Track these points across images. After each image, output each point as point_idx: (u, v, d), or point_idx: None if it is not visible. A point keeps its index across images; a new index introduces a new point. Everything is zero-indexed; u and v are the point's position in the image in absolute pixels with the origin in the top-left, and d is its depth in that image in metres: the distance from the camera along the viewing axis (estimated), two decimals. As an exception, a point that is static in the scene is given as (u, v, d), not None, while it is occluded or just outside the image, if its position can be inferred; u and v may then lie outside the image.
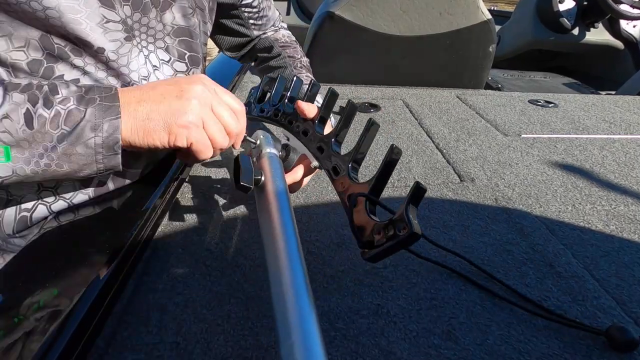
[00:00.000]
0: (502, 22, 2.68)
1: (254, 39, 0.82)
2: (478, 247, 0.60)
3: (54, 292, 0.41)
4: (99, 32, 0.46)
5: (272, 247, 0.41)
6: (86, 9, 0.44)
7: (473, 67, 1.45)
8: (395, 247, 0.38)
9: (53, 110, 0.39)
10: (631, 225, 0.68)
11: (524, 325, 0.48)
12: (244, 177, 0.48)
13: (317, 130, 0.52)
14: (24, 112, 0.38)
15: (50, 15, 0.42)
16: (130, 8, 0.48)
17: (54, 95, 0.40)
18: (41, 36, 0.44)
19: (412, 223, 0.35)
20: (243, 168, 0.48)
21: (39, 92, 0.39)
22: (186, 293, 0.49)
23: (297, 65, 0.77)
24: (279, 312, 0.34)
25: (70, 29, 0.44)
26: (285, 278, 0.36)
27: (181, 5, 0.54)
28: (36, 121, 0.38)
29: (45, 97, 0.39)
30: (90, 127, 0.41)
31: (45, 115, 0.39)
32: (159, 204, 0.58)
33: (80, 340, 0.39)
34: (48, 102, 0.39)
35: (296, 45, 0.83)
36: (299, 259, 0.39)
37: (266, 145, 0.55)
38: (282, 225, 0.42)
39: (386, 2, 1.32)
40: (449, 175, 0.81)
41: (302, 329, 0.32)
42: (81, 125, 0.40)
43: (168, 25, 0.53)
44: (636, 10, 2.23)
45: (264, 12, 0.79)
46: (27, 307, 0.38)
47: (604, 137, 1.02)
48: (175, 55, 0.55)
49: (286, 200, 0.46)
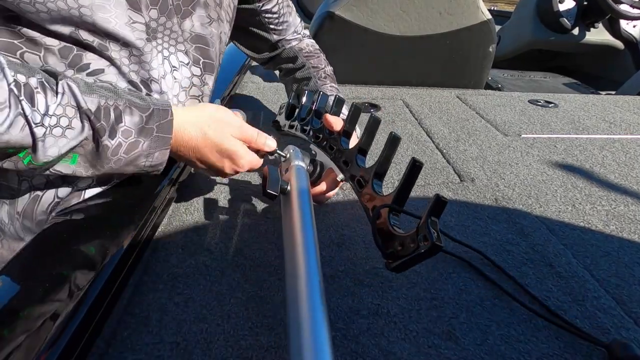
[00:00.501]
0: (502, 22, 2.68)
1: (274, 44, 0.85)
2: (478, 247, 0.60)
3: (54, 292, 0.40)
4: (127, 31, 0.50)
5: (291, 255, 0.42)
6: (115, 9, 0.48)
7: (473, 67, 1.45)
8: (417, 259, 0.39)
9: (116, 141, 0.46)
10: (631, 225, 0.68)
11: (524, 325, 0.48)
12: (270, 186, 0.51)
13: (342, 144, 0.55)
14: (93, 140, 0.46)
15: (84, 12, 0.46)
16: (157, 12, 0.52)
17: (118, 124, 0.46)
18: (71, 32, 0.47)
19: (432, 235, 0.37)
20: (270, 177, 0.52)
21: (106, 124, 0.46)
22: (186, 293, 0.49)
23: (321, 75, 0.80)
24: (292, 317, 0.35)
25: (99, 26, 0.48)
26: (301, 282, 0.38)
27: (200, 14, 0.58)
28: (101, 148, 0.46)
29: (112, 129, 0.46)
30: (145, 155, 0.49)
31: (109, 145, 0.46)
32: (159, 204, 0.58)
33: (80, 340, 0.39)
34: (113, 133, 0.46)
35: (320, 54, 0.86)
36: (316, 266, 0.40)
37: (295, 158, 0.59)
38: (303, 233, 0.44)
39: (386, 2, 1.32)
40: (449, 175, 0.81)
41: (312, 333, 0.33)
42: (137, 153, 0.48)
43: (186, 31, 0.57)
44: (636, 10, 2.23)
45: (285, 18, 0.82)
46: (27, 307, 0.38)
47: (604, 137, 1.02)
48: (192, 59, 0.59)
49: (309, 210, 0.48)
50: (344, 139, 0.55)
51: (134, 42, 0.51)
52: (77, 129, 0.44)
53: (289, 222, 0.47)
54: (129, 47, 0.51)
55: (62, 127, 0.43)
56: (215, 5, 0.60)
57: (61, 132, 0.43)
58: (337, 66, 1.40)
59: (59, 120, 0.43)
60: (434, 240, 0.36)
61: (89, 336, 0.40)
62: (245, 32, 0.82)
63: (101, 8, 0.47)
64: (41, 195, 0.54)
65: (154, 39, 0.53)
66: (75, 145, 0.44)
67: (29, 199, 0.54)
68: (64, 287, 0.41)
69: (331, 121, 0.57)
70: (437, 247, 0.37)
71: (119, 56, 0.51)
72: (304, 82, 0.81)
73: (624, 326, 0.49)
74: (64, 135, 0.43)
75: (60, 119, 0.43)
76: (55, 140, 0.43)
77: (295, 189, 0.52)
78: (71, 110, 0.44)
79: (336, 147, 0.55)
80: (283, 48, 0.84)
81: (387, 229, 0.43)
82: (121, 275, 0.47)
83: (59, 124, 0.43)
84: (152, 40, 0.53)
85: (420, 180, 0.78)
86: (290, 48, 0.84)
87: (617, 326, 0.49)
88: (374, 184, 0.47)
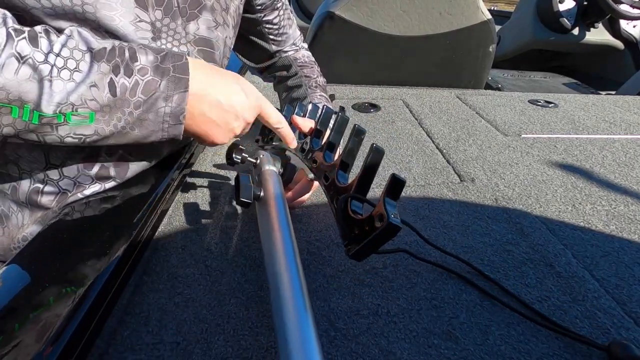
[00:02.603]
0: (502, 22, 2.68)
1: (272, 54, 0.86)
2: (478, 247, 0.60)
3: (54, 292, 0.40)
4: (130, 30, 0.50)
5: (271, 261, 0.41)
6: (122, 7, 0.48)
7: (473, 67, 1.45)
8: (375, 240, 0.37)
9: (133, 79, 0.44)
10: (631, 225, 0.68)
11: (524, 325, 0.48)
12: (243, 193, 0.50)
13: (312, 145, 0.55)
14: (108, 81, 0.43)
15: (87, 10, 0.46)
16: (161, 12, 0.52)
17: (134, 62, 0.45)
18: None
19: (389, 215, 0.35)
20: (242, 185, 0.51)
21: (120, 60, 0.44)
22: (186, 293, 0.49)
23: (312, 84, 0.81)
24: (278, 323, 0.35)
25: (103, 24, 0.47)
26: (284, 289, 0.37)
27: (206, 18, 0.58)
28: (118, 89, 0.44)
29: (126, 66, 0.44)
30: (163, 97, 0.46)
31: (127, 84, 0.44)
32: (159, 204, 0.58)
33: (80, 340, 0.39)
34: (128, 70, 0.44)
35: (314, 66, 0.87)
36: (296, 272, 0.39)
37: (266, 163, 0.58)
38: (282, 237, 0.43)
39: (386, 2, 1.32)
40: (449, 175, 0.81)
41: (300, 337, 0.32)
42: (155, 96, 0.45)
43: (190, 34, 0.57)
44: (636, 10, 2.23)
45: (284, 30, 0.83)
46: (27, 307, 0.38)
47: (604, 137, 1.02)
48: None
49: (284, 214, 0.47)
50: (315, 139, 0.55)
51: (135, 41, 0.51)
52: (84, 72, 0.42)
53: (265, 228, 0.47)
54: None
55: (69, 70, 0.41)
56: (221, 10, 0.61)
57: (69, 75, 0.41)
58: (337, 66, 1.40)
59: (66, 62, 0.41)
60: (390, 219, 0.34)
61: (89, 336, 0.40)
62: (245, 40, 0.83)
63: (106, 5, 0.47)
64: (42, 187, 0.55)
65: (159, 38, 0.53)
66: (84, 91, 0.42)
67: (30, 190, 0.55)
68: (64, 287, 0.41)
69: (298, 122, 0.58)
70: (393, 227, 0.35)
71: None
72: (294, 90, 0.81)
73: (624, 326, 0.49)
74: (72, 78, 0.41)
75: (67, 61, 0.41)
76: (63, 85, 0.41)
77: (269, 194, 0.51)
78: (79, 53, 0.42)
79: (307, 148, 0.55)
80: (279, 57, 0.86)
81: (348, 215, 0.42)
82: (121, 275, 0.47)
83: (67, 65, 0.41)
84: (156, 40, 0.53)
85: (420, 180, 0.78)
86: (285, 57, 0.85)
87: (617, 326, 0.49)
88: (338, 176, 0.47)
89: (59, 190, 0.55)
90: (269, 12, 0.78)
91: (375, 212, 0.37)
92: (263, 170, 0.57)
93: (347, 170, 0.48)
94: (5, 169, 0.54)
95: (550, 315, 0.49)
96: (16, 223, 0.56)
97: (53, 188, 0.55)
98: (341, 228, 0.42)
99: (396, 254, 0.57)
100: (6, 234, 0.57)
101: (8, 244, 0.57)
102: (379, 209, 0.37)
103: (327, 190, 0.49)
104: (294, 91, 0.81)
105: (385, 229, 0.35)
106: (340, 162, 0.47)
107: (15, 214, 0.56)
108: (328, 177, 0.49)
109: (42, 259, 0.46)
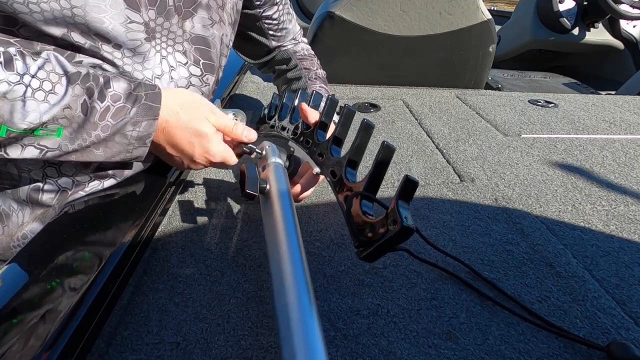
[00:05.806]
0: (502, 22, 2.68)
1: (272, 50, 0.85)
2: (478, 247, 0.60)
3: (54, 292, 0.40)
4: (120, 31, 0.49)
5: (275, 254, 0.40)
6: (112, 9, 0.48)
7: (473, 67, 1.44)
8: (388, 243, 0.37)
9: (105, 104, 0.46)
10: (631, 225, 0.68)
11: (523, 325, 0.48)
12: (249, 186, 0.49)
13: (317, 137, 0.53)
14: (82, 102, 0.45)
15: (76, 13, 0.46)
16: (155, 12, 0.52)
17: (107, 89, 0.46)
18: (63, 34, 0.47)
19: (402, 218, 0.34)
20: (249, 177, 0.50)
21: (95, 85, 0.45)
22: (186, 293, 0.49)
23: (311, 76, 0.80)
24: (281, 317, 0.34)
25: (92, 27, 0.47)
26: (288, 284, 0.36)
27: (202, 16, 0.58)
28: (89, 111, 0.45)
29: (100, 91, 0.46)
30: (132, 122, 0.47)
31: (98, 107, 0.45)
32: (159, 204, 0.58)
33: (80, 340, 0.39)
34: (102, 96, 0.45)
35: (313, 58, 0.86)
36: (302, 267, 0.38)
37: (272, 155, 0.57)
38: (286, 231, 0.43)
39: (386, 2, 1.32)
40: (449, 175, 0.81)
41: (304, 333, 0.32)
42: (124, 120, 0.47)
43: (187, 32, 0.57)
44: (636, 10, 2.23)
45: (284, 25, 0.83)
46: (27, 307, 0.38)
47: (604, 137, 1.02)
48: (191, 59, 0.59)
49: (289, 207, 0.47)
50: (320, 131, 0.54)
51: (126, 43, 0.50)
52: (59, 95, 0.43)
53: (270, 222, 0.46)
54: (121, 47, 0.51)
55: (44, 92, 0.42)
56: (217, 7, 0.60)
57: (43, 96, 0.42)
58: (337, 66, 1.40)
59: (42, 84, 0.42)
60: (404, 222, 0.34)
61: (89, 336, 0.40)
62: (245, 37, 0.82)
63: (95, 8, 0.47)
64: (42, 185, 0.55)
65: (153, 38, 0.53)
66: (57, 112, 0.43)
67: (30, 189, 0.55)
68: (64, 287, 0.41)
69: (306, 111, 0.56)
70: (407, 230, 0.34)
71: (111, 57, 0.51)
72: (294, 81, 0.81)
73: (624, 326, 0.49)
74: (46, 100, 0.42)
75: (43, 82, 0.42)
76: (37, 105, 0.42)
77: (274, 187, 0.50)
78: (55, 76, 0.43)
79: (312, 141, 0.54)
80: (278, 51, 0.85)
81: (360, 217, 0.41)
82: (121, 275, 0.47)
83: (42, 87, 0.42)
84: (151, 40, 0.53)
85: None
86: (285, 50, 0.85)
87: (617, 326, 0.49)
88: (346, 173, 0.46)
89: (59, 188, 0.55)
90: (268, 7, 0.77)
91: (388, 215, 0.37)
92: (269, 163, 0.55)
93: (355, 168, 0.47)
94: (5, 168, 0.54)
95: (550, 315, 0.49)
96: (16, 221, 0.57)
97: (52, 186, 0.55)
98: (351, 229, 0.42)
99: (396, 253, 0.57)
100: (6, 233, 0.57)
101: (8, 242, 0.57)
102: (392, 212, 0.36)
103: (334, 187, 0.48)
104: (294, 83, 0.81)
105: (399, 233, 0.35)
106: (348, 159, 0.46)
107: (16, 213, 0.56)
108: (336, 173, 0.48)
109: (42, 259, 0.46)
